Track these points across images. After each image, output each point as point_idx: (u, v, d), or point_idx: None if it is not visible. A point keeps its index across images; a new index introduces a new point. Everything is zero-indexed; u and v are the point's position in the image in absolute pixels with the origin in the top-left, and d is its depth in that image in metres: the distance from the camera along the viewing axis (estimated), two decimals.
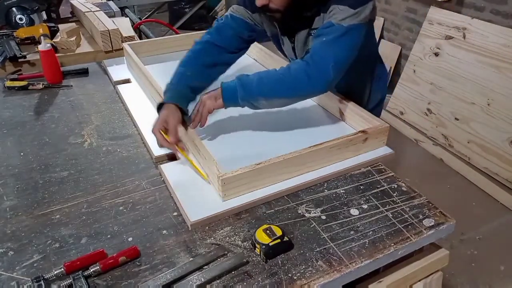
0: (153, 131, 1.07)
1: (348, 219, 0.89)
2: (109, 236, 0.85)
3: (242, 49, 1.28)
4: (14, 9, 2.03)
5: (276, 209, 0.93)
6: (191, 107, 1.13)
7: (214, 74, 1.21)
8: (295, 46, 1.23)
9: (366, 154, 1.08)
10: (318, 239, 0.84)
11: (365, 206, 0.93)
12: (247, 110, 1.27)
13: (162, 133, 1.04)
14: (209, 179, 0.98)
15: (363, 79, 1.34)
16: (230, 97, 1.06)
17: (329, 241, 0.84)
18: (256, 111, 1.25)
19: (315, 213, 0.91)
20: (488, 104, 2.40)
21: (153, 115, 1.28)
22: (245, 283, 0.75)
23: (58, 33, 1.89)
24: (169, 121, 1.04)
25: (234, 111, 1.29)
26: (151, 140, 1.14)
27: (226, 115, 1.27)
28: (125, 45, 1.62)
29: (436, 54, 2.73)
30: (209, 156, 0.96)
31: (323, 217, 0.90)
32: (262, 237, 0.80)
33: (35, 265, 0.79)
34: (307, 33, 1.16)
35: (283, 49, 1.32)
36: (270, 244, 0.79)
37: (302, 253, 0.81)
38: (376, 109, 1.38)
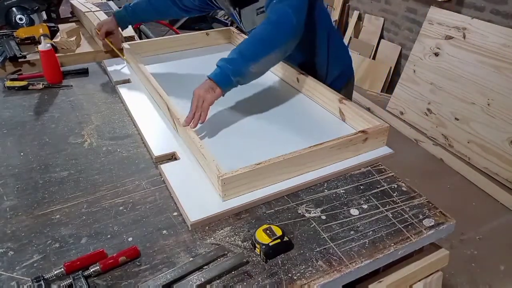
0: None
1: (348, 219, 0.89)
2: (109, 236, 0.85)
3: (191, 10, 1.58)
4: (14, 9, 2.03)
5: (276, 209, 0.93)
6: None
7: (157, 17, 1.85)
8: (242, 20, 1.32)
9: (366, 154, 1.08)
10: (318, 239, 0.84)
11: (365, 206, 0.93)
12: (246, 109, 1.28)
13: (97, 30, 1.66)
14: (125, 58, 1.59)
15: (319, 50, 1.41)
16: (224, 80, 1.10)
17: (329, 241, 0.84)
18: (256, 110, 1.26)
19: (315, 213, 0.91)
20: (488, 104, 2.40)
21: (153, 114, 1.29)
22: (245, 283, 0.75)
23: (58, 33, 1.89)
24: (103, 26, 1.63)
25: (234, 111, 1.29)
26: (151, 140, 1.14)
27: (226, 115, 1.27)
28: (125, 45, 1.62)
29: (436, 54, 2.73)
30: (209, 156, 0.96)
31: (323, 217, 0.90)
32: (262, 237, 0.80)
33: (35, 265, 0.79)
34: (252, 10, 1.27)
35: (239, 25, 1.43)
36: (270, 244, 0.79)
37: (302, 253, 0.81)
38: (335, 83, 1.42)
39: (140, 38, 2.34)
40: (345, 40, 3.67)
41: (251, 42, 1.14)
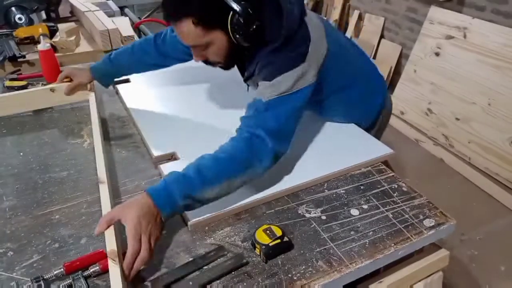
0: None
1: (348, 219, 0.89)
2: None
3: (170, 59, 1.30)
4: (13, 8, 2.03)
5: (276, 209, 0.92)
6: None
7: (142, 69, 1.35)
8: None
9: (366, 154, 1.08)
10: (318, 239, 0.84)
11: (365, 206, 0.93)
12: None
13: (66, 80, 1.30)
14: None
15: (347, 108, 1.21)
16: (163, 199, 0.80)
17: (329, 241, 0.83)
18: None
19: (315, 213, 0.91)
20: (489, 104, 2.40)
21: (153, 115, 1.29)
22: (245, 284, 0.74)
23: (58, 33, 1.89)
24: (75, 76, 1.30)
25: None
26: (151, 140, 1.14)
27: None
28: None
29: (437, 54, 2.72)
30: None
31: (323, 217, 0.89)
32: (262, 237, 0.80)
33: (34, 265, 0.78)
34: (253, 82, 1.09)
35: None
36: (270, 244, 0.79)
37: (302, 254, 0.81)
38: (370, 127, 1.26)
39: (140, 37, 2.34)
40: None
41: (215, 164, 0.87)
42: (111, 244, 0.74)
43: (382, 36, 3.45)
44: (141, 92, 1.43)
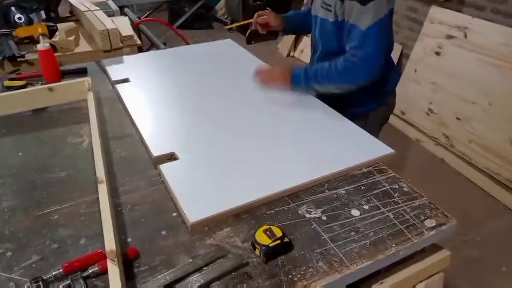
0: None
1: (349, 219, 0.89)
2: None
3: None
4: (13, 8, 2.02)
5: (276, 209, 0.92)
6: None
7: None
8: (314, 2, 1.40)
9: (367, 154, 1.07)
10: (319, 240, 0.83)
11: (366, 207, 0.92)
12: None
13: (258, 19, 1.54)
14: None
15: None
16: (297, 79, 1.31)
17: (329, 242, 0.83)
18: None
19: (315, 213, 0.90)
20: (490, 104, 2.39)
21: (152, 115, 1.29)
22: (245, 285, 0.74)
23: (57, 33, 1.88)
24: (267, 14, 1.54)
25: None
26: (150, 140, 1.14)
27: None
28: None
29: (438, 54, 2.72)
30: None
31: (324, 218, 0.89)
32: (262, 238, 0.80)
33: (33, 266, 0.78)
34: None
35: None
36: (270, 245, 0.78)
37: (303, 254, 0.80)
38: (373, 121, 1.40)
39: (140, 37, 2.33)
40: None
41: (326, 72, 1.26)
42: (110, 244, 0.75)
43: None
44: (140, 92, 1.43)
